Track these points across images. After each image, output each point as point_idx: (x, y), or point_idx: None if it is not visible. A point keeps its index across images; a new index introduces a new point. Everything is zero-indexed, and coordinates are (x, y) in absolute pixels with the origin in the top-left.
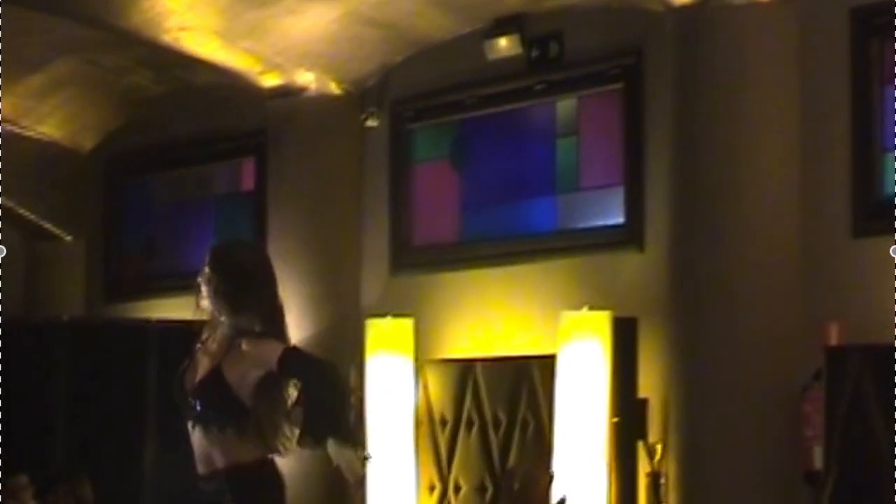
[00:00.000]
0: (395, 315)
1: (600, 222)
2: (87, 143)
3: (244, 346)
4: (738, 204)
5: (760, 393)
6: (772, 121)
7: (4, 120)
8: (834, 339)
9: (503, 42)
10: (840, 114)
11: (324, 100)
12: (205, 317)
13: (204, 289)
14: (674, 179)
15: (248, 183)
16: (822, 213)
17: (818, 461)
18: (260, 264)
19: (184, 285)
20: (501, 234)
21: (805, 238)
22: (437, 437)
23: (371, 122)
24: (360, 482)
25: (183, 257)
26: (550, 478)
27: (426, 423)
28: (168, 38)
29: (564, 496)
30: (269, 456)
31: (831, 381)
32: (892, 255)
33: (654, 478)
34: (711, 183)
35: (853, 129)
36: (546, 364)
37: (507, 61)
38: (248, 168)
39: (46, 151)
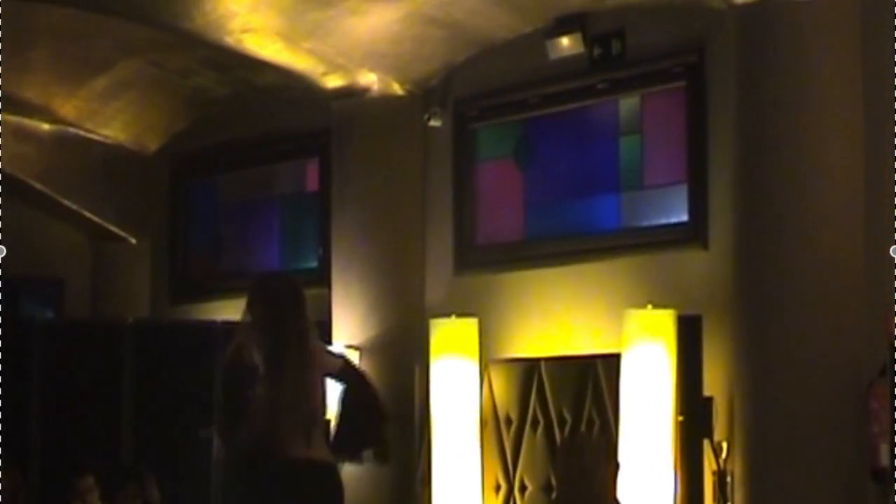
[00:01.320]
0: (460, 315)
1: (664, 220)
2: (152, 144)
3: None
4: (801, 199)
5: (826, 389)
6: (835, 115)
7: (70, 123)
8: None
9: (565, 41)
10: None
11: (387, 100)
12: None
13: None
14: (737, 176)
15: (312, 183)
16: (888, 206)
17: (885, 458)
18: None
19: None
20: (565, 232)
21: (870, 232)
22: (503, 436)
23: (434, 122)
24: None
25: (249, 257)
26: (617, 466)
27: (491, 423)
28: (231, 40)
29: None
30: None
31: None
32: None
33: (720, 476)
34: (775, 179)
35: None
36: (611, 363)
37: (570, 60)
38: (312, 168)
39: (111, 153)
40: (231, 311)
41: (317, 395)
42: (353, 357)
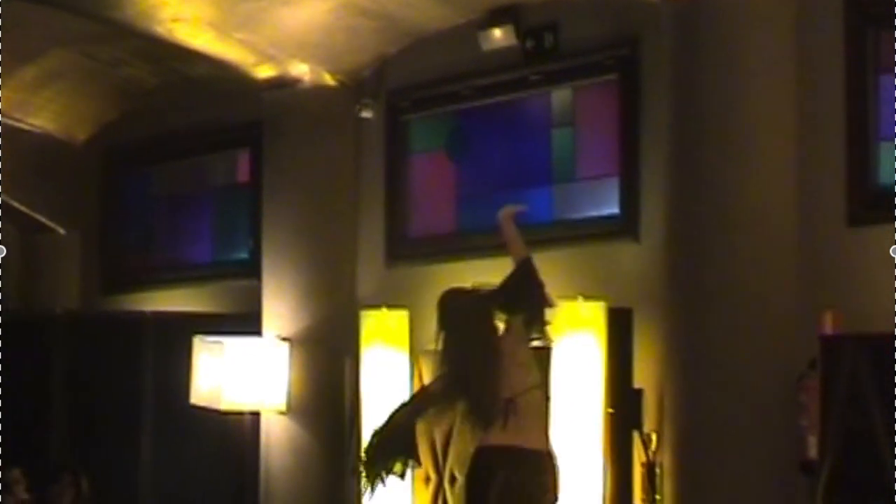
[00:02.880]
0: (391, 306)
1: (596, 213)
2: (82, 135)
3: None
4: (733, 193)
5: (756, 383)
6: (767, 110)
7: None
8: (829, 329)
9: (498, 33)
10: (836, 103)
11: (319, 91)
12: None
13: None
14: (669, 170)
15: (243, 175)
16: (818, 202)
17: (813, 450)
18: None
19: (181, 277)
20: (497, 224)
21: (801, 228)
22: (432, 428)
23: (366, 114)
24: None
25: (179, 249)
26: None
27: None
28: (161, 30)
29: None
30: None
31: (826, 370)
32: (892, 251)
33: (650, 468)
34: (707, 173)
35: (849, 119)
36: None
37: (503, 52)
38: (243, 160)
39: (41, 144)
40: (162, 302)
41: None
42: (283, 348)
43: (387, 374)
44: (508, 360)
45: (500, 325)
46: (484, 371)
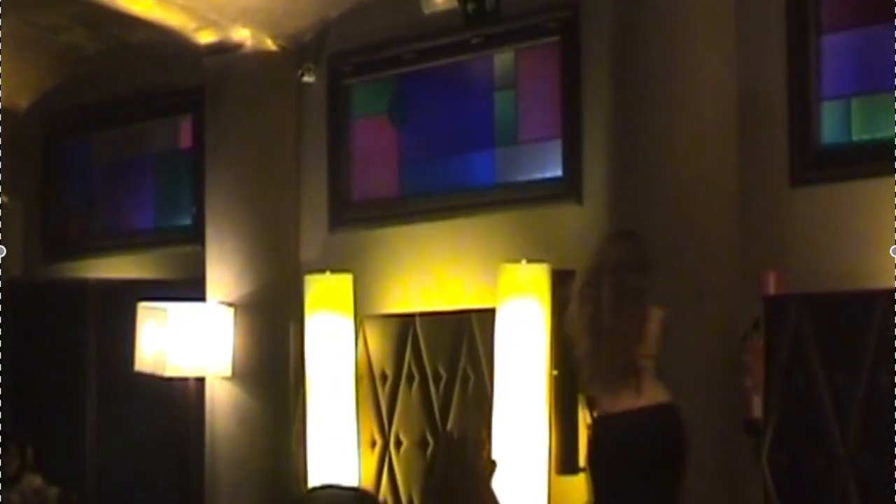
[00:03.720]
0: (335, 271)
1: (539, 175)
2: (23, 102)
3: None
4: (675, 156)
5: (699, 343)
6: (709, 73)
7: None
8: (772, 289)
9: None
10: (777, 64)
11: (260, 56)
12: None
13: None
14: (611, 132)
15: (185, 141)
16: (760, 163)
17: (757, 410)
18: None
19: (124, 244)
20: (440, 188)
21: (743, 189)
22: (378, 392)
23: (308, 78)
24: None
25: (122, 216)
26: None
27: (366, 379)
28: None
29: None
30: None
31: (770, 330)
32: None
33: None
34: (649, 135)
35: (790, 80)
36: (485, 317)
37: (444, 15)
38: (185, 126)
39: None
40: (105, 269)
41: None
42: (228, 314)
43: (331, 338)
44: None
45: None
46: None
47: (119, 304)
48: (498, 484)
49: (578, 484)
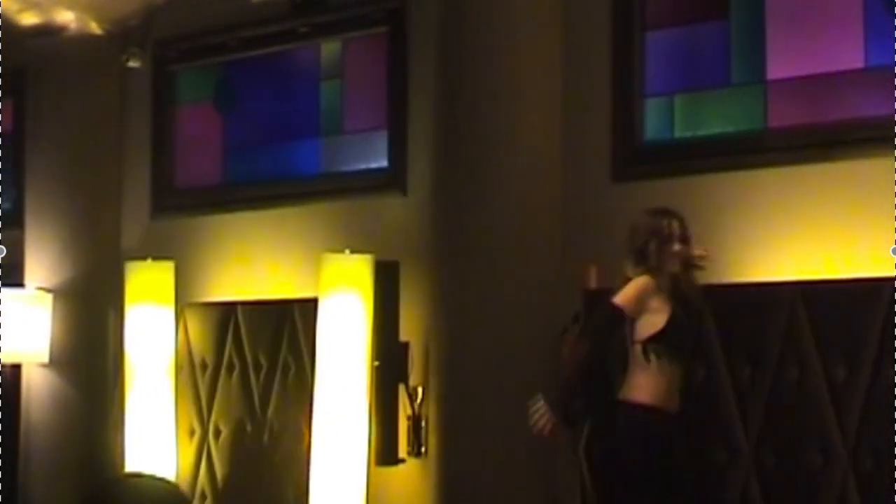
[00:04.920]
0: (156, 258)
1: (364, 166)
2: None
3: None
4: (499, 149)
5: (520, 336)
6: (535, 67)
7: None
8: (593, 283)
9: None
10: (602, 59)
11: (84, 40)
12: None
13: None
14: (436, 124)
15: (6, 124)
16: (583, 158)
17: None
18: None
19: None
20: (264, 177)
21: (566, 183)
22: (198, 381)
23: (133, 63)
24: None
25: None
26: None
27: (186, 368)
28: None
29: None
30: None
31: None
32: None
33: (415, 420)
34: (474, 128)
35: (614, 76)
36: (307, 307)
37: (271, 3)
38: (6, 108)
39: None
40: None
41: None
42: (46, 299)
43: (151, 326)
44: None
45: None
46: None
47: None
48: (318, 473)
49: (397, 475)
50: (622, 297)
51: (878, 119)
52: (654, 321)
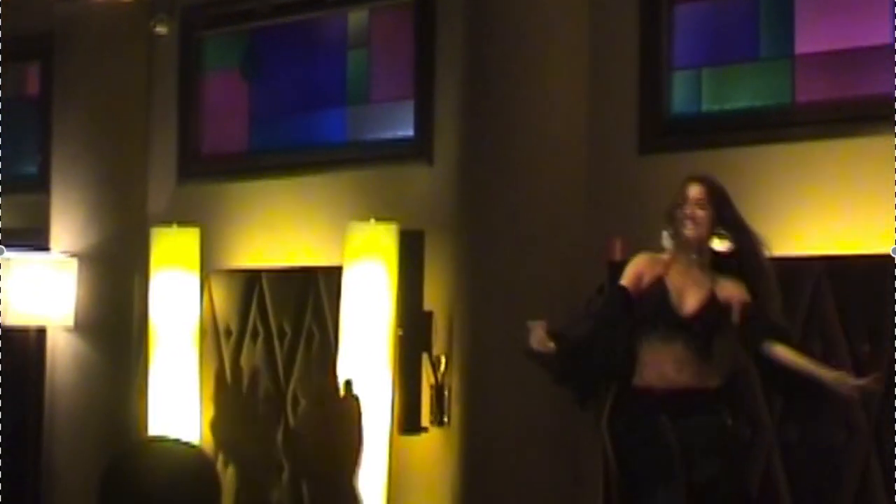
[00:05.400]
0: (182, 224)
1: (390, 135)
2: None
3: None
4: (526, 120)
5: (544, 306)
6: (563, 39)
7: None
8: (618, 255)
9: None
10: (629, 33)
11: (112, 4)
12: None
13: (699, 213)
14: (463, 95)
15: (32, 88)
16: (610, 130)
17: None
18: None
19: None
20: (290, 145)
21: (592, 155)
22: (222, 347)
23: (160, 29)
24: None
25: None
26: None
27: (211, 334)
28: None
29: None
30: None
31: None
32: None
33: (438, 389)
34: (500, 99)
35: (641, 49)
36: (332, 275)
37: None
38: (32, 73)
39: None
40: None
41: None
42: (72, 264)
43: (176, 292)
44: None
45: None
46: None
47: None
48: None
49: (420, 443)
50: (623, 278)
51: None
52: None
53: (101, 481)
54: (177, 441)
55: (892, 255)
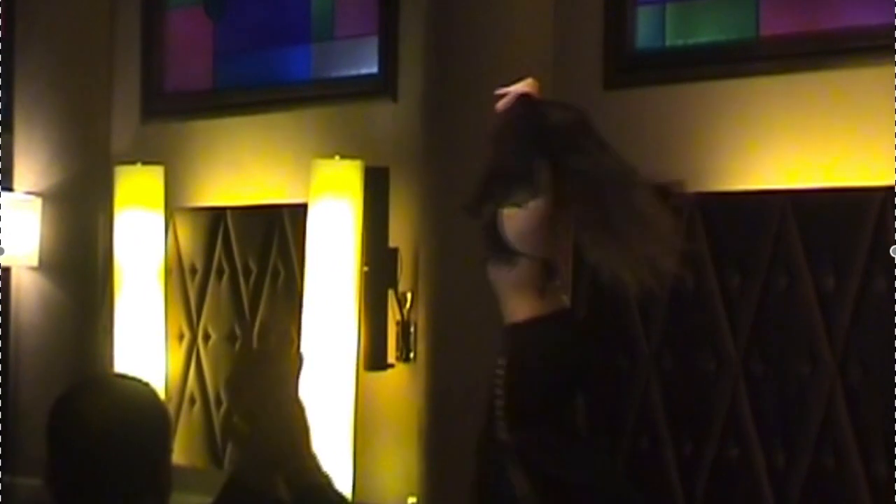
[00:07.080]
0: (146, 163)
1: (354, 72)
2: None
3: None
4: (489, 56)
5: None
6: None
7: None
8: None
9: None
10: None
11: None
12: None
13: None
14: (427, 31)
15: None
16: (575, 66)
17: None
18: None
19: None
20: (254, 82)
21: (557, 91)
22: (187, 286)
23: None
24: None
25: None
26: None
27: (175, 272)
28: None
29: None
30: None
31: None
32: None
33: (404, 326)
34: (464, 36)
35: None
36: (297, 212)
37: None
38: None
39: None
40: None
41: None
42: (35, 203)
43: (141, 231)
44: None
45: None
46: None
47: None
48: (306, 379)
49: (386, 379)
50: None
51: (871, 28)
52: None
53: (49, 416)
54: (125, 376)
55: (857, 188)
